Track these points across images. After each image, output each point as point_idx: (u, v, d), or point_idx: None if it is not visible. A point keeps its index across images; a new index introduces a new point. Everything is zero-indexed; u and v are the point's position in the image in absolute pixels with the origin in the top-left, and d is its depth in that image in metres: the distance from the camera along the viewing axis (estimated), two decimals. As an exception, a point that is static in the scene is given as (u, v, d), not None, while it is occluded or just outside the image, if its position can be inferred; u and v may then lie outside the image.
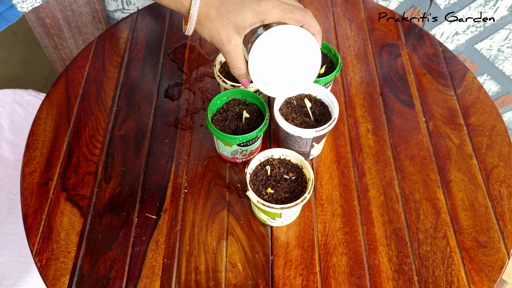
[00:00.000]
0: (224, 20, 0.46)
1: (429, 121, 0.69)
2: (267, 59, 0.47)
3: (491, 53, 1.12)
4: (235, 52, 0.47)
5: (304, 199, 0.51)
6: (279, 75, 0.49)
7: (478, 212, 0.60)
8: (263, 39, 0.45)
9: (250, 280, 0.54)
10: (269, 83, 0.50)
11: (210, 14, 0.46)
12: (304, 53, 0.48)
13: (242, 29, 0.46)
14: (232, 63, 0.48)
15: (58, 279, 0.54)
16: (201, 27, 0.47)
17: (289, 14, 0.46)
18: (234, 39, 0.47)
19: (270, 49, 0.46)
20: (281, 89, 0.51)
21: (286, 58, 0.48)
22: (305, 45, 0.47)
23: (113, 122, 0.68)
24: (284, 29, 0.45)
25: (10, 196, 0.82)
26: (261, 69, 0.48)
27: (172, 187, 0.61)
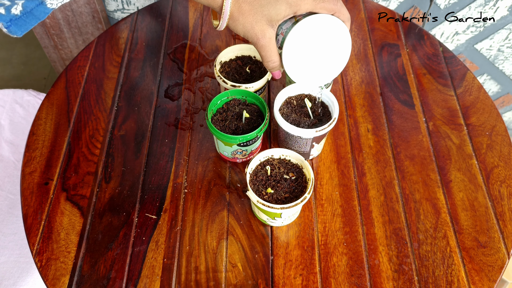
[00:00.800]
0: (258, 14, 0.46)
1: (429, 121, 0.69)
2: (300, 49, 0.48)
3: (491, 53, 1.12)
4: (269, 45, 0.47)
5: (304, 199, 0.51)
6: (311, 64, 0.50)
7: (478, 212, 0.60)
8: (296, 31, 0.46)
9: (250, 280, 0.54)
10: (302, 73, 0.50)
11: (243, 8, 0.46)
12: (335, 40, 0.49)
13: (275, 22, 0.47)
14: (266, 56, 0.48)
15: (58, 279, 0.54)
16: (234, 22, 0.47)
17: (321, 3, 0.46)
18: (269, 33, 0.47)
19: (303, 40, 0.47)
20: (314, 77, 0.51)
21: (318, 47, 0.48)
22: (336, 33, 0.48)
23: (113, 122, 0.68)
24: (316, 18, 0.46)
25: (10, 196, 0.82)
26: (294, 60, 0.48)
27: (172, 187, 0.61)
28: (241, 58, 0.67)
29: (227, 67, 0.66)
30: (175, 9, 0.85)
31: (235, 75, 0.65)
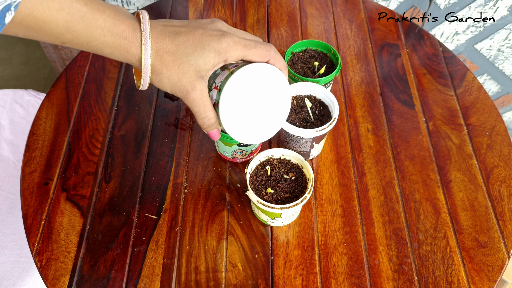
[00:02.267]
0: (184, 65, 0.41)
1: (429, 121, 0.69)
2: (238, 103, 0.43)
3: (491, 53, 1.12)
4: (201, 99, 0.42)
5: (304, 199, 0.51)
6: (251, 118, 0.45)
7: (478, 212, 0.60)
8: (232, 83, 0.41)
9: (250, 280, 0.54)
10: (242, 129, 0.45)
11: (166, 60, 0.41)
12: (273, 90, 0.44)
13: (205, 71, 0.42)
14: (199, 112, 0.43)
15: (58, 279, 0.54)
16: (158, 76, 0.41)
17: (253, 49, 0.42)
18: (199, 84, 0.41)
19: (240, 93, 0.42)
20: (255, 132, 0.46)
21: (256, 99, 0.44)
22: (274, 82, 0.44)
23: (113, 122, 0.68)
24: (252, 68, 0.42)
25: (10, 196, 0.82)
26: (232, 115, 0.43)
27: (172, 187, 0.61)
28: (241, 58, 0.67)
29: (227, 67, 0.66)
30: (175, 9, 0.85)
31: (235, 75, 0.65)
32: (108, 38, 0.39)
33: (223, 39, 0.42)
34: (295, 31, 0.81)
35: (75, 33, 0.37)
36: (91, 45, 0.39)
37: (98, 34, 0.38)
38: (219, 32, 0.42)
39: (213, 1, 0.86)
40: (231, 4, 0.86)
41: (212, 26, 0.43)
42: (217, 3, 0.85)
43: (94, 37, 0.38)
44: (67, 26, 0.36)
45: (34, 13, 0.34)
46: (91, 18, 0.37)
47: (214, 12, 0.84)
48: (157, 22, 0.43)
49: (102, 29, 0.38)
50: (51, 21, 0.35)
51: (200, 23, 0.44)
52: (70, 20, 0.36)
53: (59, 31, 0.37)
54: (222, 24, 0.44)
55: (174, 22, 0.43)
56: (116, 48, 0.40)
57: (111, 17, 0.39)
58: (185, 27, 0.43)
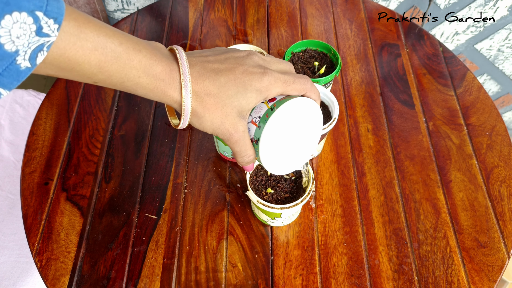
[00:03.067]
0: (226, 107, 0.40)
1: (429, 121, 0.69)
2: (277, 139, 0.43)
3: (491, 53, 1.12)
4: (243, 139, 0.42)
5: (304, 199, 0.51)
6: (287, 150, 0.45)
7: (478, 212, 0.60)
8: (273, 121, 0.41)
9: (250, 280, 0.54)
10: (278, 163, 0.45)
11: (207, 103, 0.39)
12: (308, 121, 0.45)
13: (246, 112, 0.41)
14: (240, 152, 0.43)
15: (58, 279, 0.54)
16: (200, 120, 0.40)
17: (292, 85, 0.42)
18: (241, 126, 0.41)
19: (280, 129, 0.43)
20: (288, 164, 0.47)
21: (294, 133, 0.44)
22: (309, 113, 0.44)
23: (113, 122, 0.68)
24: (291, 104, 0.42)
25: (10, 196, 0.82)
26: (271, 151, 0.44)
27: (172, 187, 0.61)
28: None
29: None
30: (175, 9, 0.85)
31: (235, 75, 0.65)
32: (144, 79, 0.37)
33: (265, 78, 0.41)
34: (295, 31, 0.81)
35: (108, 74, 0.36)
36: (125, 86, 0.38)
37: (132, 75, 0.37)
38: (259, 70, 0.41)
39: (213, 1, 0.86)
40: (231, 4, 0.85)
41: (250, 62, 0.42)
42: (217, 3, 0.85)
43: (128, 78, 0.37)
44: (100, 66, 0.35)
45: (67, 53, 0.33)
46: (125, 59, 0.36)
47: (214, 12, 0.84)
48: (194, 59, 0.41)
49: (137, 70, 0.37)
50: (83, 61, 0.34)
51: (238, 58, 0.42)
52: (103, 61, 0.35)
53: (91, 71, 0.35)
54: (259, 57, 0.43)
55: (210, 57, 0.42)
56: (151, 90, 0.38)
57: (147, 58, 0.37)
58: (224, 63, 0.41)
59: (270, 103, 0.42)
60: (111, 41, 0.35)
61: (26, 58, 0.30)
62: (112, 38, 0.35)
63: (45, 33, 0.30)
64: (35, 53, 0.31)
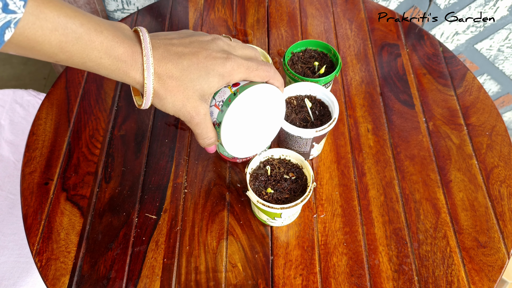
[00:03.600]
0: (188, 90, 0.41)
1: (429, 121, 0.69)
2: (238, 123, 0.44)
3: (491, 53, 1.12)
4: (204, 122, 0.43)
5: (304, 199, 0.51)
6: (249, 135, 0.47)
7: (478, 212, 0.60)
8: (235, 105, 0.42)
9: (250, 280, 0.54)
10: (240, 146, 0.47)
11: (169, 85, 0.40)
12: (271, 107, 0.46)
13: (208, 95, 0.42)
14: (201, 134, 0.44)
15: (58, 279, 0.54)
16: (161, 101, 0.41)
17: (255, 71, 0.43)
18: (202, 108, 0.42)
19: (241, 113, 0.44)
20: (250, 147, 0.49)
21: (255, 117, 0.46)
22: (271, 100, 0.46)
23: (113, 122, 0.68)
24: (254, 90, 0.43)
25: (10, 196, 0.82)
26: (233, 134, 0.45)
27: (172, 187, 0.61)
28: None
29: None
30: (175, 9, 0.85)
31: (235, 75, 0.65)
32: (105, 60, 0.38)
33: (227, 63, 0.41)
34: (295, 31, 0.81)
35: (69, 54, 0.36)
36: (86, 66, 0.38)
37: (94, 56, 0.37)
38: (223, 55, 0.42)
39: (213, 1, 0.86)
40: (231, 4, 0.86)
41: (215, 46, 0.43)
42: (217, 3, 0.85)
43: (90, 58, 0.37)
44: (60, 46, 0.35)
45: (26, 33, 0.33)
46: (87, 40, 0.36)
47: (214, 12, 0.84)
48: (158, 41, 0.41)
49: (98, 51, 0.37)
50: (43, 41, 0.34)
51: (202, 42, 0.43)
52: (64, 41, 0.35)
53: (52, 51, 0.35)
54: (224, 42, 0.44)
55: (175, 40, 0.42)
56: (113, 70, 0.39)
57: (109, 39, 0.37)
58: (188, 47, 0.42)
59: (233, 88, 0.43)
60: (72, 21, 0.35)
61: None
62: (73, 19, 0.35)
63: (11, 9, 0.30)
64: (3, 30, 0.31)
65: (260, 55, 0.47)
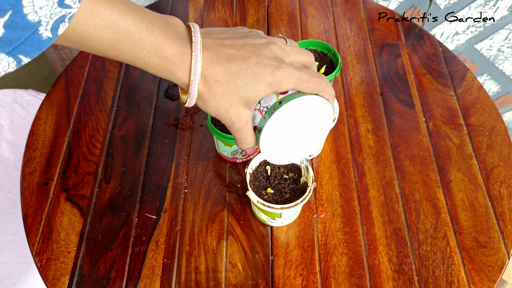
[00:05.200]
0: (233, 96, 0.40)
1: (429, 121, 0.69)
2: (280, 132, 0.43)
3: (491, 53, 1.12)
4: (245, 128, 0.42)
5: (304, 199, 0.51)
6: (288, 144, 0.45)
7: (478, 212, 0.60)
8: (279, 114, 0.41)
9: (250, 280, 0.54)
10: (277, 153, 0.46)
11: (215, 90, 0.39)
12: (317, 119, 0.45)
13: (253, 102, 0.41)
14: (241, 139, 0.43)
15: (58, 279, 0.54)
16: (204, 103, 0.40)
17: (305, 83, 0.41)
18: (245, 116, 0.41)
19: (284, 122, 0.42)
20: (289, 156, 0.47)
21: (297, 128, 0.44)
22: (318, 112, 0.44)
23: (113, 122, 0.68)
24: (300, 101, 0.41)
25: (10, 196, 0.82)
26: (272, 143, 0.44)
27: (172, 187, 0.61)
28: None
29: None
30: (175, 9, 0.85)
31: (235, 75, 0.65)
32: (154, 60, 0.37)
33: (277, 72, 0.40)
34: (295, 31, 0.81)
35: (119, 51, 0.36)
36: (135, 63, 0.38)
37: (143, 55, 0.37)
38: (274, 63, 0.40)
39: (213, 1, 0.86)
40: (231, 4, 0.86)
41: (268, 52, 0.41)
42: (217, 3, 0.85)
43: (139, 57, 0.37)
44: (111, 44, 0.35)
45: (79, 29, 0.33)
46: (137, 39, 0.36)
47: (214, 12, 0.84)
48: (209, 40, 0.40)
49: (148, 51, 0.37)
50: (95, 38, 0.34)
51: (255, 46, 0.41)
52: (115, 39, 0.35)
53: (103, 47, 0.35)
54: (278, 47, 0.42)
55: (227, 41, 0.41)
56: (161, 70, 0.38)
57: (159, 39, 0.37)
58: (240, 50, 0.40)
59: (280, 95, 0.41)
60: (124, 19, 0.34)
61: (48, 28, 0.30)
62: (126, 17, 0.35)
63: (67, 4, 0.30)
64: (57, 24, 0.31)
65: (314, 60, 0.45)
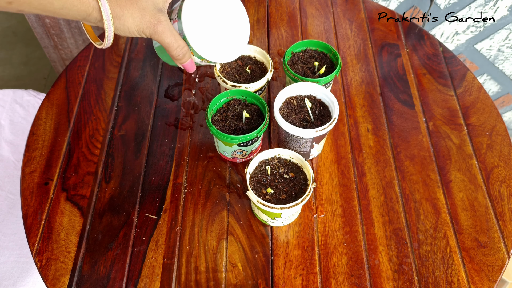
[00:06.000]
0: (141, 1, 0.42)
1: (429, 121, 0.69)
2: (198, 25, 0.45)
3: (491, 53, 1.12)
4: (169, 30, 0.43)
5: (304, 199, 0.51)
6: (216, 36, 0.48)
7: (478, 212, 0.60)
8: (187, 2, 0.44)
9: (250, 280, 0.54)
10: (211, 49, 0.48)
11: (122, 2, 0.41)
12: (231, 11, 0.48)
13: (162, 3, 0.43)
14: (171, 43, 0.44)
15: (58, 279, 0.54)
16: (121, 20, 0.42)
17: None
18: (162, 16, 0.43)
19: (199, 11, 0.45)
20: (222, 50, 0.49)
21: (216, 17, 0.47)
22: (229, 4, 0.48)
23: (113, 122, 0.68)
24: None
25: (10, 196, 0.82)
26: (199, 36, 0.46)
27: (172, 187, 0.61)
28: (241, 58, 0.67)
29: (227, 67, 0.66)
30: (175, 9, 0.85)
31: (235, 75, 0.65)
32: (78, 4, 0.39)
33: None
34: (295, 31, 0.81)
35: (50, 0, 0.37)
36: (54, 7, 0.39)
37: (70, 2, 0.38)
38: None
39: (213, 1, 0.86)
40: (231, 4, 0.85)
41: None
42: (217, 3, 0.85)
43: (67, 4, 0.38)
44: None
45: None
46: None
47: (214, 12, 0.84)
48: None
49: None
50: None
51: None
52: None
53: None
54: None
55: None
56: (78, 10, 0.40)
57: None
58: None
59: None
60: None
61: None
62: None
63: None
64: None
65: None
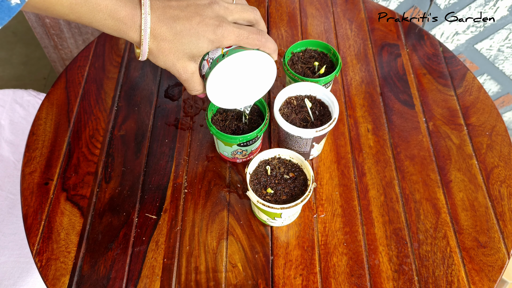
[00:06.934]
0: (178, 52, 0.46)
1: (429, 121, 0.69)
2: (221, 81, 0.49)
3: (491, 53, 1.12)
4: (192, 79, 0.48)
5: (304, 199, 0.51)
6: (233, 91, 0.51)
7: (478, 212, 0.60)
8: (220, 67, 0.47)
9: (250, 280, 0.54)
10: (223, 99, 0.52)
11: (162, 48, 0.45)
12: (260, 71, 0.50)
13: (197, 57, 0.47)
14: (189, 88, 0.49)
15: (58, 279, 0.54)
16: (155, 58, 0.46)
17: (245, 40, 0.47)
18: (190, 68, 0.47)
19: (227, 74, 0.48)
20: (235, 101, 0.53)
21: (240, 76, 0.50)
22: (260, 63, 0.49)
23: (113, 122, 0.68)
24: (240, 56, 0.47)
25: (10, 196, 0.82)
26: (216, 90, 0.50)
27: (172, 187, 0.61)
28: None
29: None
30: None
31: (235, 75, 0.65)
32: (109, 22, 0.42)
33: (218, 30, 0.45)
34: (295, 31, 0.81)
35: (78, 15, 0.41)
36: (93, 26, 0.43)
37: (99, 17, 0.42)
38: (215, 22, 0.46)
39: (213, 1, 0.86)
40: (231, 4, 0.85)
41: (210, 12, 0.46)
42: (217, 3, 0.85)
43: (96, 19, 0.42)
44: (71, 7, 0.40)
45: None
46: (93, 3, 0.40)
47: (214, 12, 0.84)
48: (157, 2, 0.45)
49: (103, 13, 0.41)
50: (56, 3, 0.39)
51: (199, 6, 0.46)
52: (74, 3, 0.39)
53: (64, 11, 0.40)
54: (220, 6, 0.47)
55: (173, 2, 0.46)
56: (115, 30, 0.44)
57: (113, 3, 0.42)
58: (184, 11, 0.46)
59: (225, 49, 0.47)
60: None
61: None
62: None
63: None
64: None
65: (260, 16, 0.51)
